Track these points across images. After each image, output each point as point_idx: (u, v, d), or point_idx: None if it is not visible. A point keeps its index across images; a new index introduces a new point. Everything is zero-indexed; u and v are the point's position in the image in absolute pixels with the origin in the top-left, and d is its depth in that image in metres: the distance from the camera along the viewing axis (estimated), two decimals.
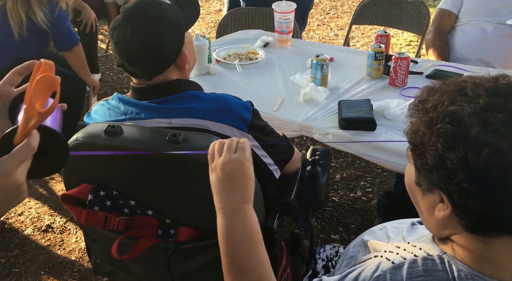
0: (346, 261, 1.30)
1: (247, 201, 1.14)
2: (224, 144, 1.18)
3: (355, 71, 2.45)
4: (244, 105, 1.51)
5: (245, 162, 1.14)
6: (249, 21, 3.42)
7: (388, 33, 2.48)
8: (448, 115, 0.86)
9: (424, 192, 0.95)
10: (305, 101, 2.19)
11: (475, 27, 2.81)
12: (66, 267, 2.51)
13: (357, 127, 1.96)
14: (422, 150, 0.89)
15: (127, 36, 1.39)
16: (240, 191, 1.13)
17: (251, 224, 1.12)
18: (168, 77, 1.48)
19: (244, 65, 2.57)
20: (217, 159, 1.15)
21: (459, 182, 0.85)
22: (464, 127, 0.84)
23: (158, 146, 1.33)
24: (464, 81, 0.91)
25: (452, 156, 0.84)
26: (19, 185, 0.81)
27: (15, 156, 0.80)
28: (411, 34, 4.92)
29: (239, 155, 1.15)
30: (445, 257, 0.94)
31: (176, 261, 1.47)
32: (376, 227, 1.31)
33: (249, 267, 1.08)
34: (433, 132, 0.87)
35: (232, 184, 1.13)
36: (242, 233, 1.10)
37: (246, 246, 1.10)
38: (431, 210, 0.95)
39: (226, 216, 1.12)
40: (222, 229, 1.11)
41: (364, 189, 3.01)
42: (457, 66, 2.42)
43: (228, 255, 1.10)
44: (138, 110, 1.45)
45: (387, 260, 0.99)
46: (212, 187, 1.16)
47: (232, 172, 1.13)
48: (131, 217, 1.46)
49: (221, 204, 1.13)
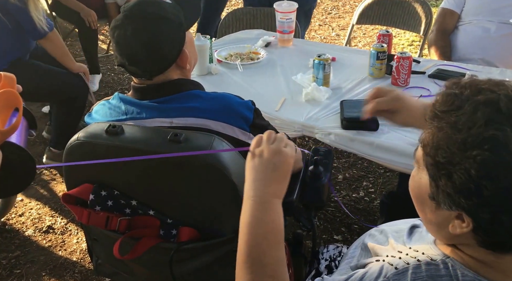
0: (347, 261, 1.30)
1: (279, 196, 1.11)
2: (276, 136, 1.15)
3: (357, 71, 2.44)
4: (246, 104, 1.51)
5: (292, 159, 1.12)
6: (251, 21, 3.41)
7: (390, 32, 2.47)
8: (487, 140, 0.79)
9: (439, 207, 0.89)
10: (307, 101, 2.18)
11: (478, 26, 2.80)
12: (68, 268, 2.50)
13: (360, 127, 1.95)
14: (448, 171, 0.83)
15: (127, 35, 1.39)
16: (278, 184, 1.10)
17: (278, 220, 1.09)
18: (169, 76, 1.47)
19: (245, 65, 2.56)
20: (266, 145, 1.12)
21: (495, 212, 0.80)
22: (507, 157, 0.78)
23: (160, 145, 1.33)
24: (492, 91, 0.84)
25: (490, 185, 0.79)
26: None
27: None
28: (413, 34, 4.91)
29: (290, 150, 1.13)
30: (449, 261, 0.92)
31: (178, 261, 1.47)
32: (376, 230, 1.30)
33: (266, 262, 1.04)
34: (467, 157, 0.80)
35: (274, 175, 1.10)
36: (268, 228, 1.07)
37: (269, 241, 1.06)
38: (442, 224, 0.91)
39: (257, 206, 1.07)
40: (248, 218, 1.07)
41: (366, 189, 3.00)
42: (459, 66, 2.41)
43: (247, 246, 1.06)
44: (139, 109, 1.45)
45: (389, 265, 0.97)
46: (250, 172, 1.12)
47: (279, 163, 1.10)
48: (132, 217, 1.45)
49: (254, 192, 1.09)
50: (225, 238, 1.44)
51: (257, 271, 1.03)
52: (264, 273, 1.03)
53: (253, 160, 1.12)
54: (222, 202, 1.40)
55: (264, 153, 1.11)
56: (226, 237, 1.45)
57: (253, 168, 1.11)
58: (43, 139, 3.55)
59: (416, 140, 1.83)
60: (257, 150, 1.13)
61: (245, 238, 1.07)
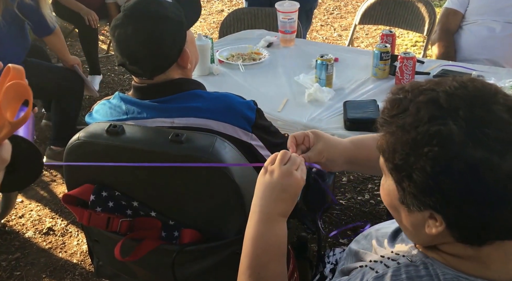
0: (340, 263, 1.31)
1: (284, 215, 1.13)
2: (290, 156, 1.15)
3: (360, 71, 2.41)
4: (248, 104, 1.49)
5: (301, 183, 1.13)
6: (252, 21, 3.39)
7: (393, 32, 2.45)
8: (434, 136, 0.81)
9: (411, 210, 0.89)
10: (309, 102, 2.16)
11: (483, 26, 2.77)
12: (68, 270, 2.48)
13: (363, 128, 1.92)
14: (408, 172, 0.84)
15: (128, 34, 1.38)
16: (283, 204, 1.12)
17: (281, 236, 1.12)
18: (170, 76, 1.46)
19: (247, 66, 2.54)
20: (279, 165, 1.12)
21: (459, 205, 0.81)
22: (455, 149, 0.79)
23: (161, 146, 1.31)
24: (432, 90, 0.86)
25: (447, 179, 0.80)
26: None
27: None
28: (416, 34, 4.89)
29: (301, 174, 1.13)
30: (428, 261, 0.92)
31: (180, 263, 1.45)
32: (361, 235, 1.29)
33: (264, 276, 1.08)
34: (420, 155, 0.82)
35: (282, 195, 1.11)
36: (270, 242, 1.10)
37: (269, 255, 1.09)
38: (418, 226, 0.90)
39: (261, 220, 1.10)
40: (251, 232, 1.11)
41: (372, 192, 2.97)
42: (464, 66, 2.38)
43: (249, 257, 1.09)
44: (140, 109, 1.44)
45: (371, 270, 0.97)
46: (259, 188, 1.13)
47: (288, 186, 1.11)
48: (134, 219, 1.44)
49: (260, 208, 1.11)
50: (227, 240, 1.43)
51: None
52: None
53: (264, 176, 1.14)
54: (224, 203, 1.39)
55: (275, 172, 1.12)
56: (228, 239, 1.43)
57: (263, 184, 1.13)
58: (43, 139, 3.54)
59: None
60: (270, 167, 1.14)
61: (247, 250, 1.10)
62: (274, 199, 1.11)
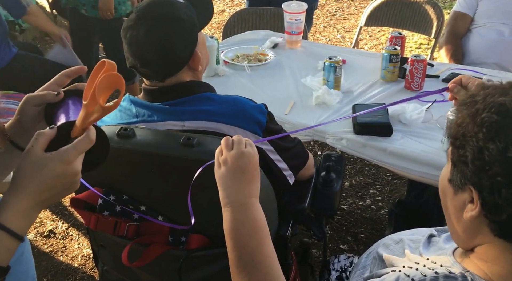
0: (358, 271, 1.26)
1: (255, 195, 1.13)
2: (233, 140, 1.17)
3: (368, 74, 2.38)
4: (259, 108, 1.47)
5: (256, 157, 1.15)
6: (256, 22, 3.36)
7: (403, 34, 2.41)
8: (496, 105, 0.84)
9: (456, 190, 0.91)
10: (317, 105, 2.13)
11: (492, 29, 2.74)
12: (69, 274, 2.45)
13: (373, 132, 1.89)
14: (462, 142, 0.87)
15: (140, 36, 1.35)
16: (250, 185, 1.13)
17: (259, 218, 1.11)
18: (181, 78, 1.43)
19: (253, 67, 2.51)
20: (226, 152, 1.14)
21: (493, 175, 0.82)
22: (510, 119, 0.82)
23: (172, 149, 1.29)
24: None
25: (492, 146, 0.81)
26: (77, 174, 0.90)
27: (76, 147, 0.89)
28: (421, 37, 4.87)
29: (250, 149, 1.15)
30: (468, 275, 0.89)
31: (188, 269, 1.43)
32: (391, 240, 1.26)
33: (258, 261, 1.06)
34: (476, 122, 0.85)
35: (243, 177, 1.12)
36: (251, 227, 1.09)
37: (255, 239, 1.08)
38: (459, 213, 0.91)
39: (235, 210, 1.10)
40: (230, 224, 1.10)
41: (373, 197, 2.94)
42: (474, 70, 2.35)
43: (236, 250, 1.08)
44: (150, 112, 1.41)
45: (406, 276, 0.94)
46: (220, 181, 1.14)
47: (244, 165, 1.12)
48: (141, 223, 1.41)
49: (229, 199, 1.12)
50: None
51: (252, 272, 1.05)
52: (259, 271, 1.05)
53: (219, 169, 1.15)
54: None
55: (228, 159, 1.13)
56: None
57: (222, 177, 1.14)
58: None
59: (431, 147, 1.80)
60: (220, 159, 1.15)
61: (231, 244, 1.09)
62: (239, 185, 1.11)
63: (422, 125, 1.92)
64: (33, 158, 0.87)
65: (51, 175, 0.87)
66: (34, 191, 0.87)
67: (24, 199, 0.87)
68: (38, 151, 0.88)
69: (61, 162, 0.87)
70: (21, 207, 0.87)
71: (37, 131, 0.90)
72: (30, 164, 0.87)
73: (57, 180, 0.88)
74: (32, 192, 0.87)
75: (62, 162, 0.87)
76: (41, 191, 0.88)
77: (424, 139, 1.84)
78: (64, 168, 0.87)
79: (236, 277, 1.06)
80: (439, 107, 1.97)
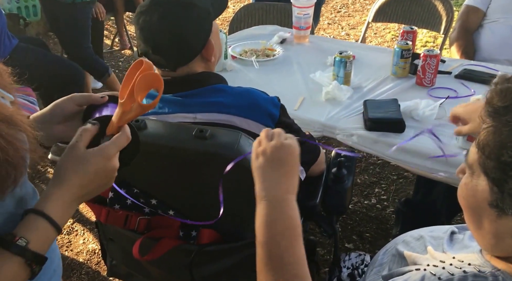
0: (376, 269, 1.23)
1: (293, 191, 1.07)
2: (273, 131, 1.12)
3: (379, 69, 2.35)
4: (272, 101, 1.45)
5: (297, 150, 1.09)
6: (263, 17, 3.33)
7: (414, 29, 2.37)
8: None
9: (502, 215, 0.82)
10: (327, 100, 2.10)
11: (506, 25, 2.68)
12: (74, 269, 2.43)
13: (385, 128, 1.86)
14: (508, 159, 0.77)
15: (153, 21, 1.32)
16: (288, 179, 1.07)
17: (294, 216, 1.05)
18: (193, 69, 1.41)
19: (261, 62, 2.48)
20: (266, 143, 1.09)
21: None
22: None
23: (185, 142, 1.26)
24: None
25: None
26: (114, 170, 0.94)
27: (116, 143, 0.93)
28: (427, 34, 4.83)
29: (291, 141, 1.09)
30: (499, 274, 0.85)
31: (198, 264, 1.41)
32: (410, 237, 1.23)
33: (288, 261, 1.00)
34: None
35: (282, 169, 1.06)
36: (285, 224, 1.03)
37: (287, 238, 1.02)
38: (503, 235, 0.84)
39: (271, 205, 1.04)
40: (264, 219, 1.04)
41: (379, 196, 2.92)
42: (487, 66, 2.31)
43: (266, 246, 1.02)
44: (161, 104, 1.38)
45: (432, 275, 0.90)
46: (257, 173, 1.08)
47: (285, 157, 1.07)
48: (152, 217, 1.39)
49: (266, 192, 1.05)
50: (248, 241, 1.38)
51: (279, 271, 1.00)
52: (287, 271, 0.99)
53: (257, 160, 1.09)
54: (246, 203, 1.32)
55: (267, 150, 1.08)
56: (249, 239, 1.38)
57: (260, 168, 1.08)
58: None
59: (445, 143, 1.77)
60: (258, 149, 1.10)
61: (262, 239, 1.03)
62: (278, 178, 1.06)
63: (435, 122, 1.88)
64: (78, 153, 0.91)
65: (92, 170, 0.90)
66: (76, 185, 0.90)
67: (67, 191, 0.90)
68: (81, 147, 0.92)
69: (102, 158, 0.91)
70: (64, 199, 0.90)
71: (80, 127, 0.95)
72: (75, 158, 0.91)
73: (97, 175, 0.91)
74: (75, 185, 0.90)
75: (103, 157, 0.91)
76: (82, 185, 0.91)
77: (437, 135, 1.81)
78: (104, 163, 0.91)
79: (263, 273, 1.02)
80: (452, 104, 1.94)
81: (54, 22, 3.45)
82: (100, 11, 3.90)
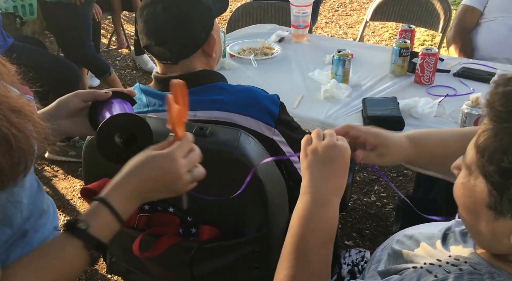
0: (374, 265, 1.23)
1: (338, 194, 1.06)
2: (325, 132, 1.11)
3: (377, 68, 2.36)
4: (272, 99, 1.45)
5: (349, 151, 1.07)
6: (261, 15, 3.34)
7: (412, 28, 2.38)
8: None
9: (498, 216, 0.81)
10: (325, 98, 2.11)
11: (504, 24, 2.69)
12: None
13: (384, 126, 1.83)
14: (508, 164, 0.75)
15: (157, 13, 1.33)
16: (337, 179, 1.06)
17: (332, 220, 1.04)
18: (194, 64, 1.42)
19: (259, 60, 2.48)
20: (317, 142, 1.08)
21: None
22: None
23: None
24: None
25: None
26: (178, 173, 0.96)
27: (182, 146, 0.99)
28: (425, 33, 4.83)
29: (343, 143, 1.08)
30: (495, 271, 0.84)
31: (198, 260, 1.41)
32: (403, 236, 1.22)
33: (312, 260, 1.00)
34: None
35: (332, 169, 1.05)
36: (320, 226, 1.02)
37: (318, 239, 1.01)
38: (501, 235, 0.83)
39: (313, 201, 1.04)
40: (302, 213, 1.03)
41: (378, 193, 2.92)
42: (485, 64, 2.32)
43: (296, 238, 1.02)
44: (161, 101, 1.39)
45: (428, 273, 0.90)
46: (306, 171, 1.07)
47: (336, 157, 1.06)
48: (152, 214, 1.39)
49: (312, 188, 1.05)
50: (248, 238, 1.39)
51: (301, 266, 0.99)
52: (307, 269, 0.99)
53: (307, 158, 1.08)
54: (247, 200, 1.34)
55: (319, 148, 1.06)
56: (249, 236, 1.39)
57: (309, 166, 1.07)
58: None
59: None
60: (308, 148, 1.09)
61: (295, 230, 1.03)
62: (327, 175, 1.05)
63: (435, 120, 1.89)
64: (148, 152, 0.98)
65: (156, 167, 0.95)
66: (141, 180, 0.95)
67: (131, 184, 0.94)
68: (154, 148, 0.99)
69: (168, 158, 0.96)
70: (128, 191, 0.94)
71: None
72: (143, 156, 0.97)
73: (160, 173, 0.95)
74: (140, 180, 0.95)
75: (169, 157, 0.95)
76: (146, 180, 0.95)
77: None
78: (169, 163, 0.95)
79: (285, 262, 1.01)
80: (452, 101, 1.95)
81: (54, 22, 3.44)
82: (97, 11, 3.90)
